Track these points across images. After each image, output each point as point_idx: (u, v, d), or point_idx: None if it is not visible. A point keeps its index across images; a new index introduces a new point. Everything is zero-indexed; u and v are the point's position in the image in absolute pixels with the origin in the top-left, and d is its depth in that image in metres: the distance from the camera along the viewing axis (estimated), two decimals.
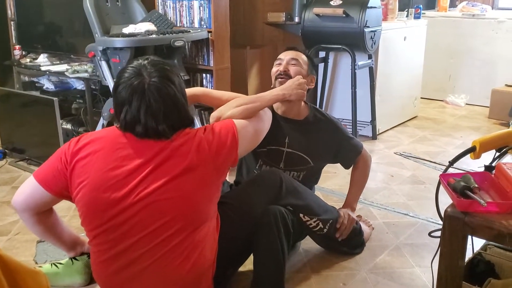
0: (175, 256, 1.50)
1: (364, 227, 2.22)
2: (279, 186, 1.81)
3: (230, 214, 1.73)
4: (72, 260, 1.84)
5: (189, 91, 1.80)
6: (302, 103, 2.11)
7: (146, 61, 1.52)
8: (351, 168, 2.25)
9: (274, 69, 2.09)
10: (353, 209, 2.14)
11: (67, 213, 2.47)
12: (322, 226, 1.94)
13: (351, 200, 2.17)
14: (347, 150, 2.17)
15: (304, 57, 2.10)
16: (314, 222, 1.92)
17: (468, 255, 1.47)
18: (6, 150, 3.36)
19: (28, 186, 1.59)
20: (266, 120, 1.79)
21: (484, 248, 1.67)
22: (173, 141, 1.50)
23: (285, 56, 2.09)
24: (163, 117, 1.47)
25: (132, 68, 1.50)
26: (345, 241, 2.07)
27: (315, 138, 2.10)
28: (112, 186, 1.46)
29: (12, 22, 4.13)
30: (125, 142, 1.50)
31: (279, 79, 2.03)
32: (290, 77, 2.02)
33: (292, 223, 1.82)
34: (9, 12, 4.15)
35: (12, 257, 1.11)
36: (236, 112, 1.69)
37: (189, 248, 1.52)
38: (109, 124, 2.78)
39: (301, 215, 1.88)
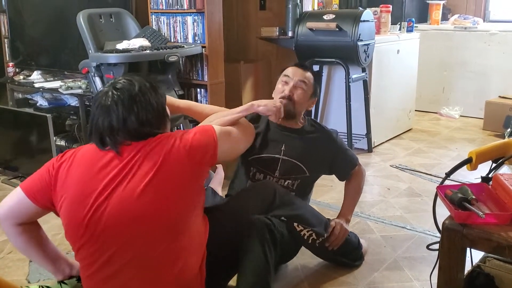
0: (159, 266, 1.49)
1: (361, 240, 2.20)
2: (272, 196, 1.80)
3: (222, 222, 1.72)
4: (60, 284, 1.79)
5: (173, 102, 1.87)
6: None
7: (120, 78, 1.59)
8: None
9: (280, 87, 2.06)
10: (347, 220, 2.12)
11: (60, 231, 2.43)
12: (315, 238, 1.92)
13: (346, 212, 2.15)
14: (343, 161, 2.17)
15: (311, 78, 2.08)
16: (308, 232, 1.90)
17: (467, 267, 1.45)
18: None
19: (14, 197, 1.57)
20: (248, 129, 1.80)
21: (483, 260, 1.65)
22: (146, 145, 1.50)
23: (294, 75, 2.05)
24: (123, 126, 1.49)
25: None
26: (343, 254, 2.06)
27: (311, 147, 2.10)
28: (88, 196, 1.47)
29: (5, 40, 4.14)
30: (103, 152, 1.52)
31: (281, 99, 2.00)
32: (294, 102, 2.02)
33: (282, 236, 1.80)
34: (2, 29, 4.16)
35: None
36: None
37: (172, 257, 1.50)
38: None
39: (295, 224, 1.87)
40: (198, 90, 3.16)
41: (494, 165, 1.43)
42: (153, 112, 1.54)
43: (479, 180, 1.37)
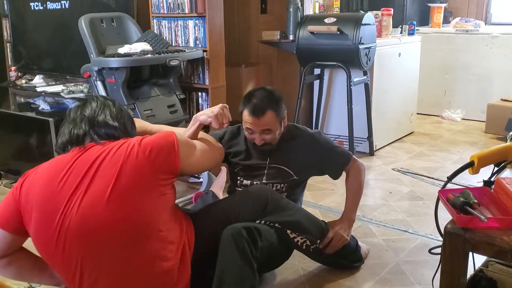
0: (133, 272, 1.49)
1: (361, 243, 2.20)
2: (264, 202, 1.79)
3: (211, 219, 1.75)
4: None
5: (146, 126, 1.93)
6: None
7: None
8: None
9: (247, 134, 2.03)
10: (351, 220, 2.11)
11: None
12: (309, 244, 1.92)
13: (348, 211, 2.14)
14: (331, 160, 2.14)
15: (272, 117, 1.96)
16: (302, 239, 1.90)
17: (470, 272, 1.45)
18: (1, 172, 3.33)
19: None
20: (214, 146, 1.83)
21: (485, 264, 1.64)
22: (107, 149, 1.52)
23: (255, 127, 1.97)
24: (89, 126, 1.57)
25: None
26: (341, 257, 2.05)
27: (295, 152, 2.09)
28: (54, 213, 1.45)
29: (8, 44, 4.15)
30: (64, 164, 1.51)
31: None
32: (270, 143, 2.02)
33: (270, 244, 1.78)
34: (5, 33, 4.17)
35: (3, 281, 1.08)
36: None
37: (145, 261, 1.50)
38: None
39: (288, 231, 1.86)
40: (199, 94, 3.17)
41: (496, 168, 1.43)
42: (123, 117, 1.64)
43: (481, 184, 1.37)
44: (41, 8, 3.71)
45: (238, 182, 2.12)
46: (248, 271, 1.66)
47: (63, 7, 3.56)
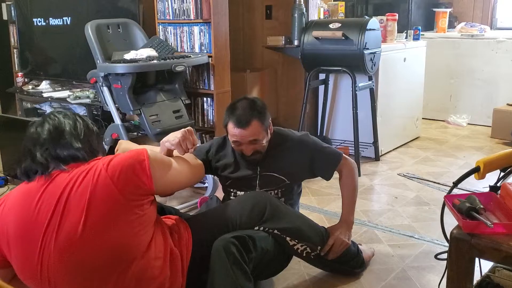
0: None
1: (363, 247, 2.19)
2: (263, 209, 1.78)
3: (209, 224, 1.74)
4: None
5: (130, 146, 1.88)
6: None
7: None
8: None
9: (235, 147, 2.00)
10: (349, 222, 2.09)
11: None
12: (309, 251, 1.91)
13: (346, 214, 2.11)
14: (322, 161, 2.11)
15: (257, 126, 1.93)
16: (302, 246, 1.89)
17: (476, 277, 1.44)
18: (8, 177, 3.35)
19: None
20: (189, 163, 1.74)
21: (492, 270, 1.63)
22: (76, 174, 1.44)
23: (242, 138, 1.94)
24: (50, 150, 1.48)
25: None
26: (342, 262, 2.04)
27: (285, 158, 2.07)
28: (31, 250, 1.41)
29: (15, 50, 4.19)
30: (33, 194, 1.45)
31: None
32: (260, 152, 1.99)
33: (265, 252, 1.77)
34: (12, 40, 4.21)
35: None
36: None
37: (133, 283, 1.47)
38: (111, 149, 2.78)
39: (287, 238, 1.85)
40: (205, 99, 3.18)
41: (502, 174, 1.42)
42: (86, 134, 1.54)
43: (487, 189, 1.37)
44: (44, 24, 3.76)
45: (232, 193, 2.11)
46: (241, 279, 1.64)
47: (65, 23, 3.61)
